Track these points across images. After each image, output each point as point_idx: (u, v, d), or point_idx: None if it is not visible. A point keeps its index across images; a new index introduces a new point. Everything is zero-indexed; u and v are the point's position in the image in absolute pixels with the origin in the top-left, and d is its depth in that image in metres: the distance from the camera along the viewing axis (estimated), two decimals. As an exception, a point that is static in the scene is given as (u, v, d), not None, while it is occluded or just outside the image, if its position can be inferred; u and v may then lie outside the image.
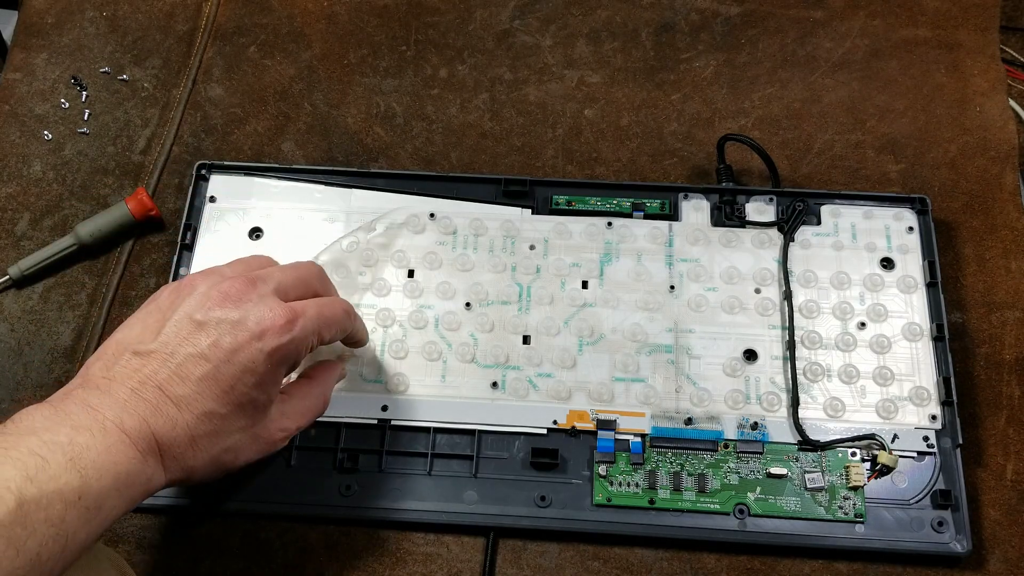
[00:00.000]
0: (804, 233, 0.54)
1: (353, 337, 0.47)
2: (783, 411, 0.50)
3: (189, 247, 0.54)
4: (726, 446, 0.49)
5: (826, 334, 0.51)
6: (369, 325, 0.52)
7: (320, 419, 0.49)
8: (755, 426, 0.49)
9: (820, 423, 0.49)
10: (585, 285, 0.53)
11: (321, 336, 0.43)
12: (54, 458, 0.34)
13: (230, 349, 0.39)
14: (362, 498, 0.48)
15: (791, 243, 0.54)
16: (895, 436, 0.49)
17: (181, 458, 0.39)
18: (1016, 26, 0.72)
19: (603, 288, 0.53)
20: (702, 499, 0.48)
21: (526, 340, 0.52)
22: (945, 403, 0.49)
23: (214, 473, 0.41)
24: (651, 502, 0.48)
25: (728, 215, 0.55)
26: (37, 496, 0.33)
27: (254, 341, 0.40)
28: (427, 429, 0.50)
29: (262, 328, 0.40)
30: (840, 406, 0.50)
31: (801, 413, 0.49)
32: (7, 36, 0.69)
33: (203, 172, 0.56)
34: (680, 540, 0.47)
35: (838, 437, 0.49)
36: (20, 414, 0.36)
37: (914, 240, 0.54)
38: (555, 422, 0.50)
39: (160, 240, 0.56)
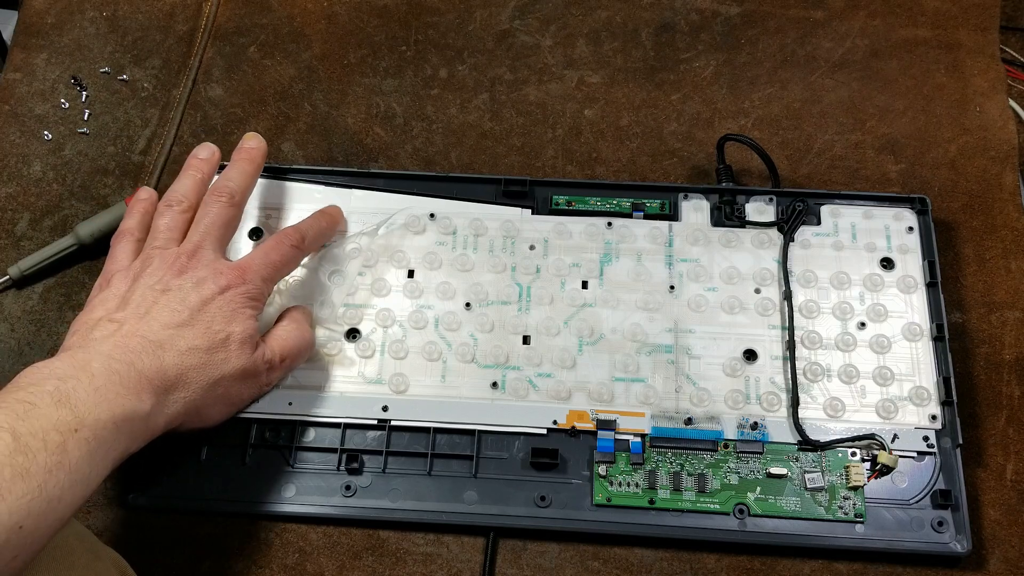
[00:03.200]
0: (804, 233, 0.54)
1: (322, 241, 0.53)
2: (783, 411, 0.50)
3: (189, 247, 0.54)
4: (726, 446, 0.49)
5: (826, 334, 0.51)
6: (369, 325, 0.52)
7: (320, 419, 0.50)
8: (755, 426, 0.49)
9: (820, 423, 0.49)
10: (585, 285, 0.53)
11: (274, 278, 0.48)
12: (42, 401, 0.36)
13: (200, 302, 0.44)
14: (362, 498, 0.48)
15: (791, 243, 0.54)
16: (895, 436, 0.49)
17: (175, 393, 0.42)
18: (1016, 26, 0.72)
19: (603, 288, 0.53)
20: (702, 499, 0.48)
21: (526, 340, 0.52)
22: (945, 403, 0.49)
23: (217, 407, 0.45)
24: (651, 502, 0.48)
25: (728, 215, 0.55)
26: (32, 429, 0.35)
27: (219, 295, 0.45)
28: (427, 429, 0.50)
29: (220, 287, 0.45)
30: (840, 406, 0.50)
31: (801, 413, 0.49)
32: (7, 36, 0.69)
33: (203, 172, 0.56)
34: (680, 540, 0.47)
35: (838, 437, 0.49)
36: (16, 378, 0.38)
37: (914, 240, 0.54)
38: (555, 422, 0.50)
39: (160, 240, 0.56)
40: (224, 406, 0.46)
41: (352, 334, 0.52)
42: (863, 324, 0.52)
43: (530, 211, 0.55)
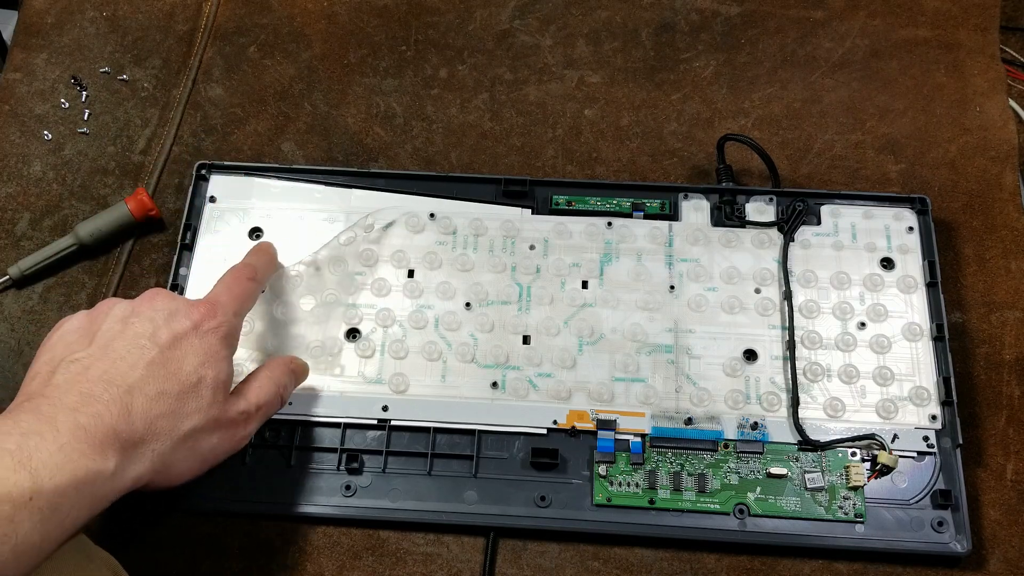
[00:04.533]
0: (804, 233, 0.54)
1: (270, 272, 0.51)
2: (783, 411, 0.50)
3: (189, 247, 0.54)
4: (726, 446, 0.49)
5: (826, 334, 0.51)
6: (369, 325, 0.52)
7: (321, 419, 0.50)
8: (755, 426, 0.49)
9: (820, 423, 0.49)
10: (585, 285, 0.53)
11: (242, 313, 0.46)
12: (1, 462, 0.33)
13: (171, 338, 0.41)
14: (362, 498, 0.48)
15: (791, 243, 0.54)
16: (895, 436, 0.49)
17: (143, 446, 0.39)
18: (1016, 26, 0.72)
19: (603, 288, 0.53)
20: (702, 499, 0.48)
21: (526, 340, 0.52)
22: (945, 403, 0.49)
23: (187, 463, 0.41)
24: (651, 502, 0.48)
25: (728, 215, 0.55)
26: None
27: (192, 329, 0.42)
28: (427, 429, 0.50)
29: (193, 321, 0.42)
30: (840, 406, 0.50)
31: (801, 413, 0.49)
32: (7, 36, 0.70)
33: (203, 172, 0.56)
34: (680, 540, 0.47)
35: (838, 437, 0.49)
36: None
37: (914, 240, 0.54)
38: (555, 422, 0.50)
39: (160, 240, 0.56)
40: (195, 461, 0.42)
41: (352, 334, 0.52)
42: (863, 324, 0.52)
43: (530, 211, 0.55)
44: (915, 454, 0.49)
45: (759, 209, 0.55)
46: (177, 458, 0.40)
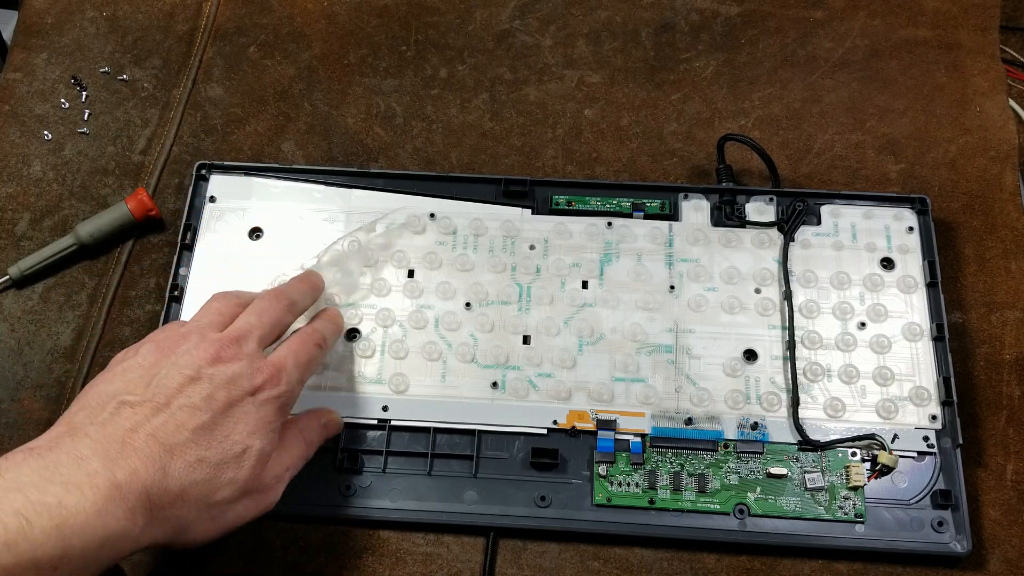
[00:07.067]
0: (804, 233, 0.54)
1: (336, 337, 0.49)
2: (783, 411, 0.50)
3: (189, 247, 0.54)
4: (726, 446, 0.49)
5: (826, 334, 0.51)
6: (369, 325, 0.52)
7: (320, 419, 0.50)
8: (755, 426, 0.49)
9: (820, 423, 0.49)
10: (585, 285, 0.53)
11: (305, 380, 0.45)
12: (39, 522, 0.33)
13: (227, 403, 0.40)
14: (362, 498, 0.48)
15: (791, 243, 0.54)
16: (895, 436, 0.49)
17: (170, 509, 0.38)
18: (1016, 26, 0.72)
19: (603, 288, 0.53)
20: (702, 499, 0.48)
21: (526, 340, 0.52)
22: (945, 403, 0.49)
23: (208, 528, 0.40)
24: (651, 502, 0.48)
25: (728, 215, 0.55)
26: (11, 565, 0.32)
27: (248, 397, 0.41)
28: (427, 429, 0.50)
29: (254, 386, 0.41)
30: (840, 406, 0.50)
31: (801, 413, 0.49)
32: (7, 36, 0.70)
33: (203, 172, 0.56)
34: (680, 540, 0.47)
35: (838, 437, 0.49)
36: (5, 461, 0.35)
37: (914, 240, 0.54)
38: (555, 422, 0.50)
39: (160, 240, 0.56)
40: (215, 530, 0.41)
41: (352, 334, 0.52)
42: (863, 324, 0.52)
43: (530, 211, 0.55)
44: (915, 454, 0.49)
45: (759, 209, 0.55)
46: (198, 524, 0.40)
